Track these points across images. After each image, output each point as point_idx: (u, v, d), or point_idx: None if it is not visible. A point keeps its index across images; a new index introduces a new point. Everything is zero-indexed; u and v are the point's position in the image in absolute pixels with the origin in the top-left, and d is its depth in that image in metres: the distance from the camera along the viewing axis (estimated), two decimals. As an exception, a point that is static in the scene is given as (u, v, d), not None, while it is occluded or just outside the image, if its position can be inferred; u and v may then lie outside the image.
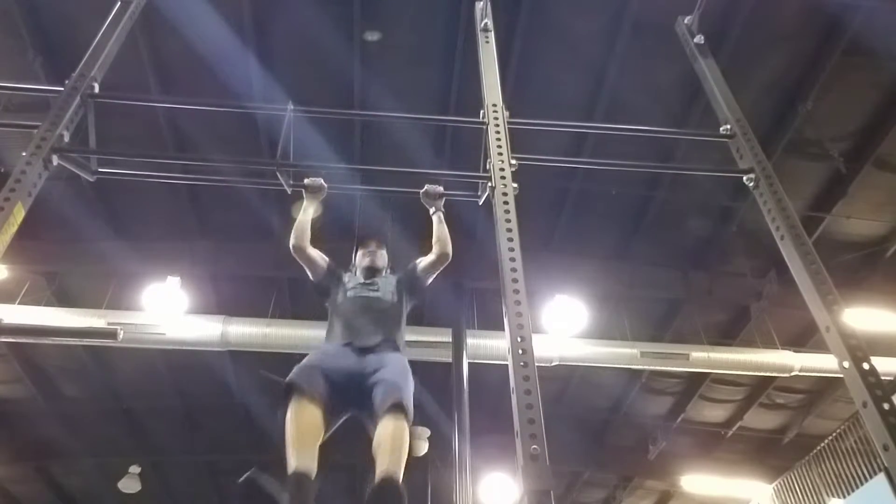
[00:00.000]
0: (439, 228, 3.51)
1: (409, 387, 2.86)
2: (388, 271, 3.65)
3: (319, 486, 2.62)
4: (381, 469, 2.58)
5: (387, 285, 3.45)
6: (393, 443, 2.64)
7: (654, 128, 5.23)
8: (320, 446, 2.82)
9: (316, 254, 3.49)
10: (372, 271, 3.54)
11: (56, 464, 12.96)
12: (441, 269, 3.52)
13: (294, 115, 3.66)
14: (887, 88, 7.36)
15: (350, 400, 2.92)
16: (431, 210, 3.57)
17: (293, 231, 3.46)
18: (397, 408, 2.69)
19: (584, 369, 10.47)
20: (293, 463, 2.65)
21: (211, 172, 4.74)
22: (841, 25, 6.73)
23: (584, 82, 7.39)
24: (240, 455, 13.15)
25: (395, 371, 2.88)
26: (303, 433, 2.77)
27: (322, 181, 3.58)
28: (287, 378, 2.91)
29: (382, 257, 3.63)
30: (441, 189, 3.57)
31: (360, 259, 3.62)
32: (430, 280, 3.55)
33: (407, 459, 2.69)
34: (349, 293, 3.38)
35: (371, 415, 2.80)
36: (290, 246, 3.43)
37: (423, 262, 3.53)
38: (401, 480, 2.57)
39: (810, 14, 6.71)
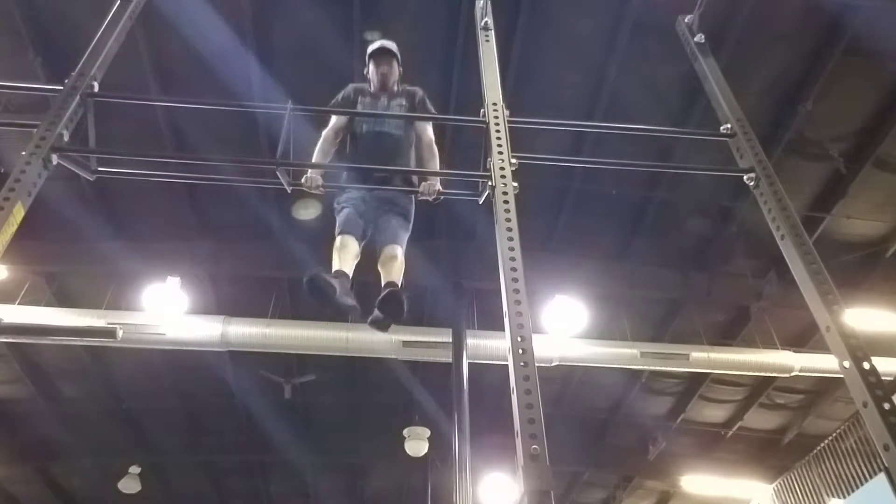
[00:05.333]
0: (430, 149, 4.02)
1: (407, 230, 3.85)
2: (398, 95, 4.14)
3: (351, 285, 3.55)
4: (385, 279, 3.61)
5: (397, 109, 4.00)
6: (393, 262, 3.66)
7: (654, 126, 5.23)
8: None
9: (336, 132, 4.04)
10: (383, 89, 4.10)
11: (56, 464, 12.98)
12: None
13: (294, 114, 3.66)
14: (887, 88, 7.36)
15: (370, 226, 3.83)
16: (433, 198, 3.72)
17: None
18: (394, 246, 3.73)
19: (584, 369, 10.47)
20: (337, 265, 3.55)
21: (211, 171, 4.73)
22: (841, 25, 6.72)
23: (585, 82, 7.39)
24: (240, 455, 13.21)
25: (399, 217, 3.81)
26: (344, 252, 3.62)
27: (320, 178, 3.60)
28: (336, 230, 3.75)
29: (393, 73, 4.15)
30: (438, 188, 3.60)
31: (373, 75, 4.14)
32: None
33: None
34: (364, 128, 3.96)
35: (379, 240, 3.78)
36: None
37: (427, 130, 4.04)
38: (399, 282, 3.57)
39: (810, 14, 6.71)
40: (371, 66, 4.16)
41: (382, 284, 3.57)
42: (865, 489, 8.95)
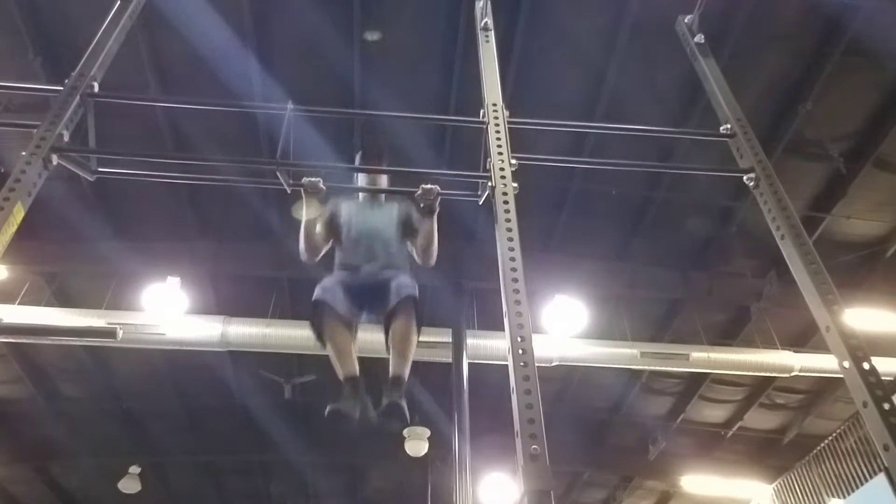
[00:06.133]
0: (428, 235, 3.48)
1: (416, 288, 3.26)
2: (387, 202, 3.78)
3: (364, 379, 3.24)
4: (391, 370, 3.16)
5: (387, 216, 3.67)
6: (403, 342, 3.17)
7: (654, 127, 5.23)
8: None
9: (322, 242, 3.64)
10: (373, 195, 3.73)
11: (56, 464, 12.98)
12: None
13: (294, 114, 3.66)
14: (887, 88, 7.36)
15: (366, 302, 3.35)
16: (425, 211, 3.48)
17: (302, 246, 3.54)
18: (407, 303, 3.15)
19: (584, 369, 10.47)
20: (343, 371, 3.21)
21: (211, 172, 4.73)
22: (841, 25, 6.73)
23: (584, 82, 7.39)
24: (240, 455, 13.21)
25: (403, 276, 3.32)
26: (342, 347, 3.23)
27: (320, 181, 3.57)
28: (313, 298, 3.26)
29: (383, 181, 3.79)
30: (438, 189, 3.53)
31: (362, 179, 3.79)
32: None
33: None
34: (352, 231, 3.61)
35: (384, 310, 3.24)
36: (304, 261, 3.57)
37: (415, 243, 3.65)
38: (406, 376, 3.17)
39: (810, 14, 6.71)
40: (360, 175, 3.83)
41: (390, 374, 3.16)
42: (865, 489, 8.95)
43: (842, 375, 2.70)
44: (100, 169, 3.46)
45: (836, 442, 9.84)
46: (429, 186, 3.46)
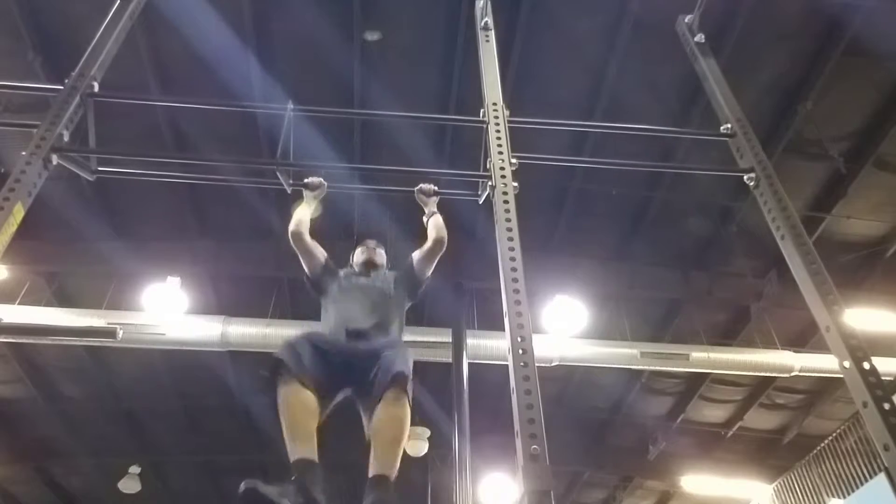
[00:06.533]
0: (437, 227, 3.47)
1: (410, 365, 2.68)
2: (386, 270, 3.64)
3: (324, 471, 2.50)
4: (374, 467, 2.51)
5: (384, 278, 3.45)
6: (392, 432, 2.54)
7: (654, 127, 5.23)
8: (318, 429, 2.68)
9: (314, 245, 3.46)
10: (369, 266, 3.53)
11: (56, 464, 12.97)
12: (438, 256, 3.47)
13: (294, 114, 3.66)
14: (887, 88, 7.35)
15: (344, 379, 2.75)
16: (427, 210, 3.56)
17: (293, 219, 3.43)
18: (398, 383, 2.53)
19: (584, 369, 10.46)
20: (295, 452, 2.55)
21: (211, 172, 4.73)
22: (841, 25, 6.72)
23: (585, 81, 7.39)
24: (240, 455, 13.19)
25: (393, 350, 2.72)
26: (298, 419, 2.62)
27: (322, 180, 3.59)
28: (274, 354, 2.64)
29: (381, 255, 3.64)
30: (434, 188, 3.58)
31: (359, 256, 3.61)
32: (429, 272, 3.48)
33: (404, 453, 2.70)
34: (343, 284, 3.36)
35: (368, 394, 2.64)
36: (290, 233, 3.39)
37: (418, 253, 3.49)
38: (394, 477, 2.50)
39: (810, 14, 6.71)
40: (357, 250, 3.65)
41: (371, 473, 2.52)
42: (865, 489, 8.94)
43: (842, 375, 2.71)
44: (100, 169, 3.46)
45: (836, 442, 9.84)
46: (423, 185, 3.51)
